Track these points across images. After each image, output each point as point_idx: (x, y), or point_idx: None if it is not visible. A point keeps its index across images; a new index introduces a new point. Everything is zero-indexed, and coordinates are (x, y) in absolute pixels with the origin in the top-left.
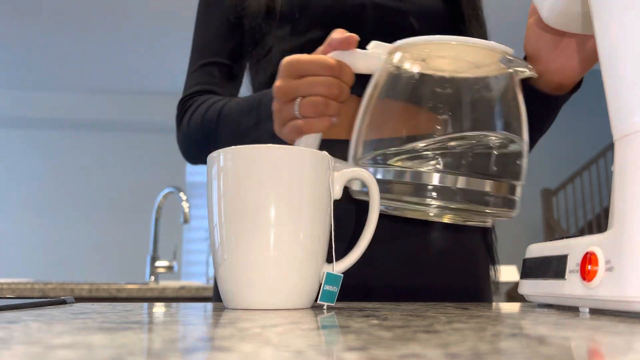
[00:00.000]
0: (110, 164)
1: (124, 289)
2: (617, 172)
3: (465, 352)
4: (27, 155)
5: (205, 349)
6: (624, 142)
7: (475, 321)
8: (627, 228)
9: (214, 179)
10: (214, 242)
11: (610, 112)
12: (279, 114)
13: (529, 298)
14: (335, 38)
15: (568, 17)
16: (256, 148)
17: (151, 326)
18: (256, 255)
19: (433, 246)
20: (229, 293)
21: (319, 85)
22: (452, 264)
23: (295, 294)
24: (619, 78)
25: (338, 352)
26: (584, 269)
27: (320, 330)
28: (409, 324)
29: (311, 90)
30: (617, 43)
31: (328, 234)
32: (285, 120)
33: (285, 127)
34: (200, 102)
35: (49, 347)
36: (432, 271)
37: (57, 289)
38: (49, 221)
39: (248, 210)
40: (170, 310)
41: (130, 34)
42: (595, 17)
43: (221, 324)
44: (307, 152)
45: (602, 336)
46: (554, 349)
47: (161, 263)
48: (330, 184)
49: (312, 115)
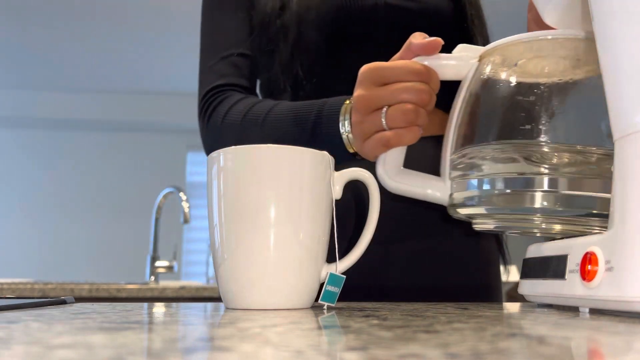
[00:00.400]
0: (110, 164)
1: (124, 289)
2: (617, 172)
3: (465, 352)
4: (27, 155)
5: (205, 349)
6: (624, 142)
7: (475, 321)
8: (627, 228)
9: (214, 179)
10: (214, 242)
11: (610, 112)
12: (361, 126)
13: (529, 298)
14: (415, 43)
15: (568, 18)
16: (256, 148)
17: (151, 326)
18: (256, 255)
19: (446, 245)
20: (229, 293)
21: (408, 91)
22: (467, 263)
23: (295, 294)
24: (619, 78)
25: (338, 352)
26: (584, 269)
27: (320, 330)
28: (409, 324)
29: (399, 98)
30: (617, 43)
31: (328, 234)
32: (368, 133)
33: (369, 141)
34: (236, 98)
35: (49, 347)
36: (447, 270)
37: (57, 289)
38: (48, 221)
39: (248, 210)
40: (170, 310)
41: (130, 34)
42: (595, 18)
43: (221, 324)
44: (308, 151)
45: (602, 336)
46: (554, 349)
47: (161, 263)
48: (331, 184)
49: (402, 125)
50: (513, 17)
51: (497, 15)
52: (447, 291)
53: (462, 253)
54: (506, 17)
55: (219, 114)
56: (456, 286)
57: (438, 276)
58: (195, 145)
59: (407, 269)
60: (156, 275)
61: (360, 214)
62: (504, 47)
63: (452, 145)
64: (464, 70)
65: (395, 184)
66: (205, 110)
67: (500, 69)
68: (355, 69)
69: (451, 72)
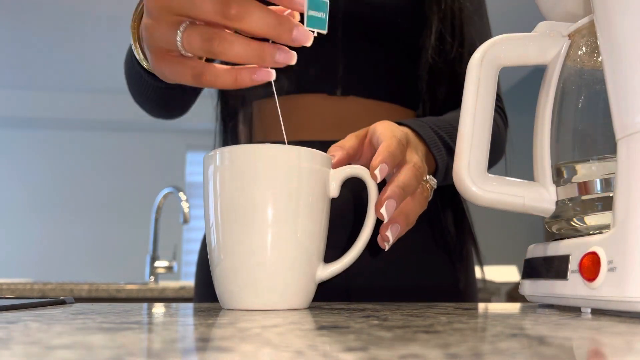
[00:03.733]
0: (110, 164)
1: (123, 289)
2: (620, 171)
3: (465, 352)
4: (27, 155)
5: (205, 349)
6: (627, 141)
7: (476, 321)
8: (630, 228)
9: (210, 179)
10: (211, 242)
11: (612, 112)
12: (149, 33)
13: (530, 298)
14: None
15: (569, 17)
16: (253, 147)
17: (151, 326)
18: (253, 255)
19: (411, 248)
20: (226, 293)
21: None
22: (433, 263)
23: (292, 294)
24: (621, 77)
25: (338, 352)
26: (586, 269)
27: (320, 331)
28: (409, 324)
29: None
30: (619, 42)
31: (325, 232)
32: (158, 47)
33: (168, 61)
34: None
35: (48, 347)
36: (412, 271)
37: (56, 289)
38: (48, 221)
39: (244, 210)
40: (170, 311)
41: (130, 34)
42: (598, 17)
43: (221, 324)
44: (304, 150)
45: (603, 336)
46: (555, 349)
47: (161, 263)
48: (327, 182)
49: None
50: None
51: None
52: (414, 292)
53: (428, 253)
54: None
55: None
56: (423, 287)
57: (404, 277)
58: (195, 145)
59: (371, 271)
60: (156, 275)
61: (359, 211)
62: (590, 25)
63: (553, 143)
64: (550, 53)
65: (483, 192)
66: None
67: (594, 51)
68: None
69: (535, 54)
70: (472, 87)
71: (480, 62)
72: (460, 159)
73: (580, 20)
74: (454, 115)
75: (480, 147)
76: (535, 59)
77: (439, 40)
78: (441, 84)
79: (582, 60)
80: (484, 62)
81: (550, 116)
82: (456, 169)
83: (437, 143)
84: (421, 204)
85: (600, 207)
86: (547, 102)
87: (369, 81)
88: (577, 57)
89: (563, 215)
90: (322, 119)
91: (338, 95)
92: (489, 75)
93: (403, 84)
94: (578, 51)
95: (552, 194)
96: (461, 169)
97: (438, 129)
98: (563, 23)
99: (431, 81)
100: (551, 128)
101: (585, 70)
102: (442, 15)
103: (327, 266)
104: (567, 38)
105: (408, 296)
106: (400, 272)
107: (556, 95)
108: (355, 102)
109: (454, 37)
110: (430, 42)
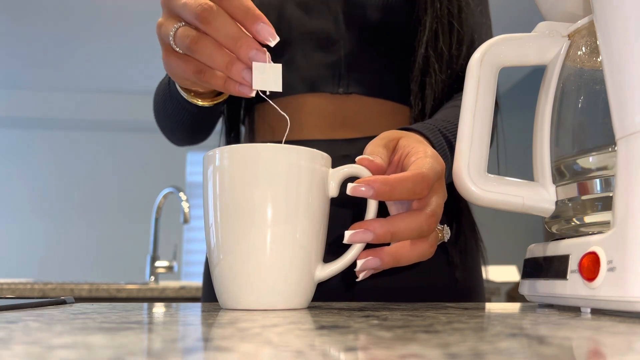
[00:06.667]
0: (110, 164)
1: (123, 289)
2: (619, 171)
3: (465, 352)
4: (27, 155)
5: (205, 349)
6: (627, 142)
7: (475, 321)
8: (630, 228)
9: (209, 179)
10: (210, 243)
11: (612, 112)
12: (160, 28)
13: (530, 298)
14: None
15: (569, 18)
16: (252, 147)
17: (151, 326)
18: (252, 255)
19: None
20: (225, 293)
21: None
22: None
23: (292, 294)
24: (621, 77)
25: (338, 352)
26: (586, 269)
27: (320, 330)
28: (409, 324)
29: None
30: (619, 42)
31: (325, 232)
32: (164, 41)
33: (174, 56)
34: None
35: (48, 347)
36: (411, 271)
37: (57, 289)
38: (48, 221)
39: (244, 210)
40: (170, 311)
41: (131, 34)
42: (597, 17)
43: (221, 324)
44: (304, 150)
45: (603, 336)
46: (554, 349)
47: (161, 263)
48: (326, 181)
49: (185, 50)
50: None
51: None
52: (414, 292)
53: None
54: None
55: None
56: (423, 287)
57: (404, 277)
58: (195, 145)
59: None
60: (156, 275)
61: (358, 210)
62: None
63: (553, 143)
64: (550, 53)
65: (482, 192)
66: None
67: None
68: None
69: (535, 54)
70: (471, 87)
71: (480, 62)
72: (459, 159)
73: (580, 21)
74: (456, 112)
75: (480, 147)
76: (535, 59)
77: (434, 39)
78: (434, 83)
79: (581, 61)
80: (484, 62)
81: (550, 116)
82: (456, 168)
83: (445, 151)
84: (419, 254)
85: (599, 207)
86: (547, 102)
87: (371, 79)
88: (577, 57)
89: (563, 215)
90: (325, 117)
91: (340, 93)
92: (489, 75)
93: (405, 82)
94: (578, 51)
95: (551, 194)
96: (461, 169)
97: (446, 132)
98: (563, 23)
99: (423, 81)
100: (551, 128)
101: (585, 71)
102: (436, 15)
103: (326, 266)
104: (566, 38)
105: (408, 296)
106: (400, 272)
107: (556, 96)
108: (358, 100)
109: (451, 36)
110: (422, 42)
